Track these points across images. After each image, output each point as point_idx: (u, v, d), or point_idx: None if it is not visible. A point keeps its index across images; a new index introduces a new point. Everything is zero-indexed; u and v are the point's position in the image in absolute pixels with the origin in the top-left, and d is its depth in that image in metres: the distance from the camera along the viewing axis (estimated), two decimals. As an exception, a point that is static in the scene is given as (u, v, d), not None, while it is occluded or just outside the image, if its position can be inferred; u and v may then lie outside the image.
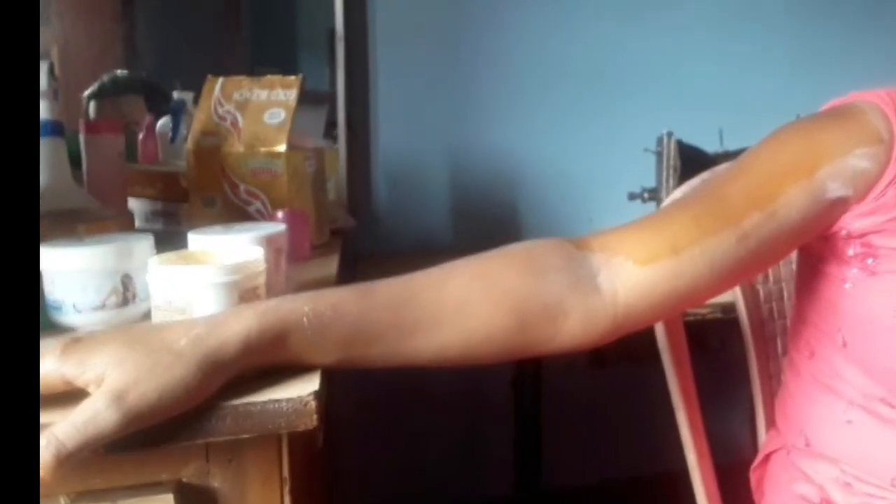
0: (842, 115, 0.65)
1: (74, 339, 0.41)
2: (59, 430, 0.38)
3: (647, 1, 1.66)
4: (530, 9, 1.61)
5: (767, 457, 0.80)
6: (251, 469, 0.49)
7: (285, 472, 0.50)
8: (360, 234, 1.34)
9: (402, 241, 1.54)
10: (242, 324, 0.44)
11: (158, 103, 1.54)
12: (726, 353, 1.03)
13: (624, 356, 1.17)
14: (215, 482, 0.48)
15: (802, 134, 0.64)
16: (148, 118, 1.40)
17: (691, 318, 0.90)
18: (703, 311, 1.07)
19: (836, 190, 0.61)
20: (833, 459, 0.70)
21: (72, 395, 0.41)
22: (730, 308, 0.91)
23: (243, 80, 0.95)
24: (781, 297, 0.89)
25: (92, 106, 1.46)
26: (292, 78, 0.94)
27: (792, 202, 0.59)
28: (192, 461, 0.47)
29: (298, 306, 0.46)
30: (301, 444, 0.56)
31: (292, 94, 0.92)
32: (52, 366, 0.40)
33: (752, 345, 0.88)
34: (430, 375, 1.57)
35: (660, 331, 0.81)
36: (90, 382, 0.40)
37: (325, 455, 0.94)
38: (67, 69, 1.64)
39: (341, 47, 1.54)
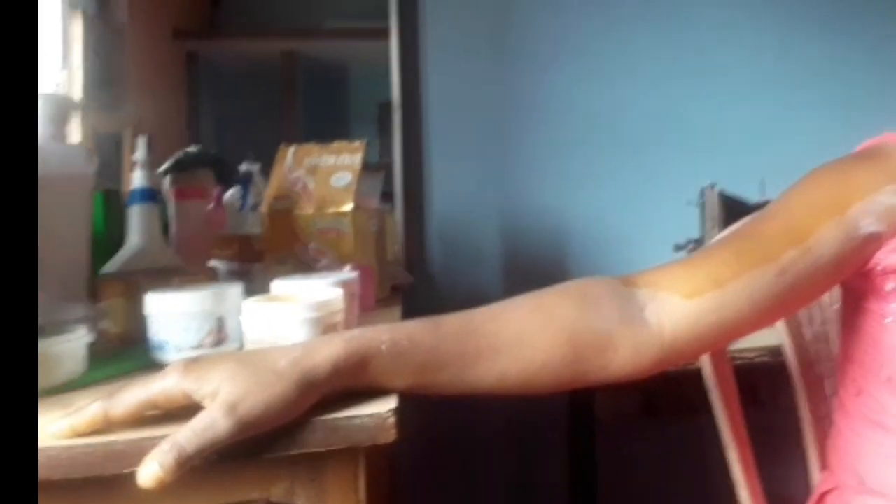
0: (872, 154, 0.69)
1: (194, 359, 0.48)
2: (180, 436, 0.44)
3: (684, 61, 1.72)
4: (574, 73, 1.70)
5: (821, 497, 0.81)
6: (331, 490, 0.54)
7: (361, 495, 0.55)
8: (416, 290, 1.41)
9: (455, 297, 1.61)
10: (332, 349, 0.51)
11: (225, 175, 1.63)
12: (777, 405, 1.04)
13: (678, 406, 1.18)
14: (299, 501, 0.54)
15: (834, 173, 0.68)
16: (217, 189, 1.51)
17: (739, 361, 0.92)
18: (751, 354, 1.08)
19: (868, 226, 0.64)
20: (887, 496, 0.70)
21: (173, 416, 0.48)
22: (777, 351, 0.92)
23: (313, 148, 1.04)
24: (827, 340, 0.91)
25: (167, 180, 1.58)
26: (357, 143, 1.03)
27: (826, 238, 0.63)
28: (279, 481, 0.52)
29: (378, 335, 0.53)
30: (374, 471, 0.61)
31: (357, 158, 1.01)
32: (174, 382, 0.47)
33: (800, 387, 0.90)
34: (484, 427, 1.60)
35: (707, 369, 0.84)
36: (206, 396, 0.47)
37: (390, 488, 0.99)
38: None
39: (398, 117, 1.65)
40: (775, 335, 0.91)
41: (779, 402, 0.97)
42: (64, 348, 0.58)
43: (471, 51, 1.68)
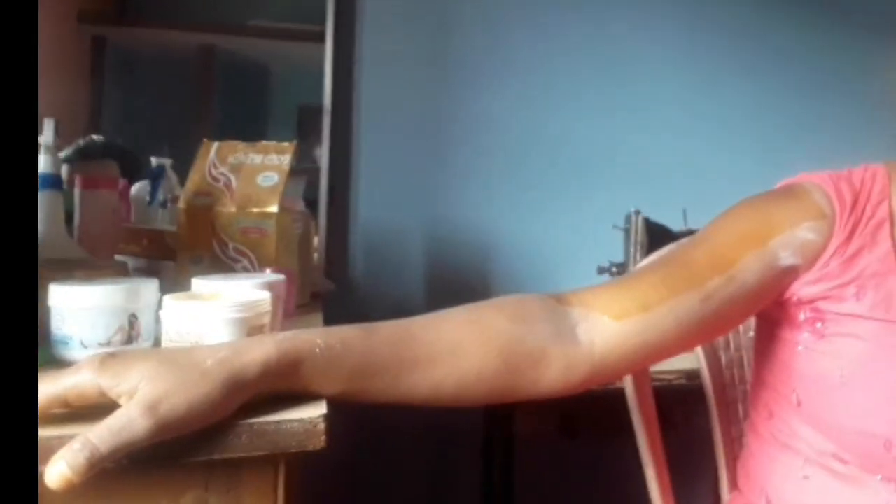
0: (791, 193, 0.72)
1: (111, 354, 0.44)
2: (93, 435, 0.40)
3: (618, 93, 1.77)
4: (507, 90, 1.72)
5: (730, 517, 0.84)
6: (248, 499, 0.50)
7: (280, 505, 0.52)
8: (336, 299, 1.37)
9: (376, 307, 1.58)
10: (263, 350, 0.47)
11: (132, 168, 1.54)
12: (690, 428, 1.07)
13: (595, 427, 1.20)
14: (212, 512, 0.50)
15: (757, 208, 0.71)
16: (121, 183, 1.42)
17: (658, 383, 0.94)
18: (669, 376, 1.11)
19: (786, 258, 0.68)
20: (792, 515, 0.73)
21: (85, 415, 0.44)
22: (694, 374, 0.95)
23: (238, 145, 0.99)
24: (742, 365, 0.95)
25: (65, 168, 1.48)
26: (286, 144, 0.99)
27: (748, 268, 0.66)
28: (190, 490, 0.49)
29: (312, 338, 0.50)
30: (292, 480, 0.58)
31: (286, 159, 0.97)
32: (89, 377, 0.42)
33: (714, 409, 0.93)
34: (399, 441, 1.57)
35: (629, 390, 0.85)
36: (123, 394, 0.42)
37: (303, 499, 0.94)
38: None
39: (327, 121, 1.61)
40: (692, 359, 0.93)
41: (692, 424, 1.00)
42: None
43: (407, 61, 1.67)
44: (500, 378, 0.57)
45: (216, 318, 0.54)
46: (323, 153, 1.62)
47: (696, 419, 0.94)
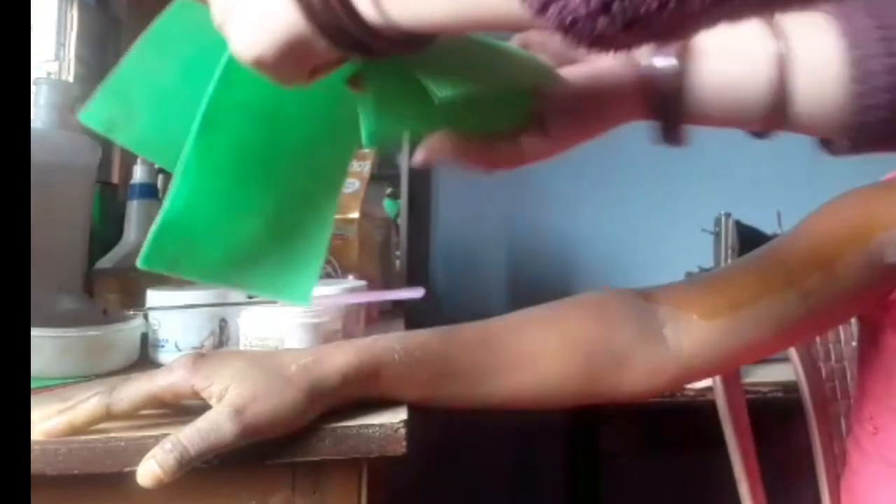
0: None
1: (201, 354, 0.46)
2: (183, 436, 0.41)
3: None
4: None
5: (834, 540, 0.78)
6: (332, 502, 0.51)
7: (364, 506, 0.52)
8: (418, 306, 1.38)
9: (457, 315, 1.57)
10: (343, 358, 0.48)
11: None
12: (787, 445, 1.01)
13: (684, 441, 1.14)
14: (298, 511, 0.51)
15: (860, 201, 0.66)
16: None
17: (752, 395, 0.90)
18: (764, 388, 1.05)
19: (892, 256, 0.63)
20: (906, 543, 0.68)
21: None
22: (791, 387, 0.90)
23: (322, 153, 1.02)
24: (844, 377, 0.89)
25: (160, 178, 1.55)
26: (366, 150, 1.01)
27: (850, 265, 0.61)
28: (279, 490, 0.50)
29: (391, 345, 0.50)
30: (374, 484, 0.58)
31: (366, 165, 0.99)
32: (183, 377, 0.44)
33: (814, 424, 0.87)
34: (482, 452, 1.56)
35: (721, 400, 0.82)
36: (213, 395, 0.44)
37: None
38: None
39: (408, 128, 1.62)
40: (789, 370, 0.89)
41: (789, 440, 0.95)
42: (122, 335, 0.58)
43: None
44: (581, 382, 0.56)
45: (290, 323, 0.56)
46: (403, 160, 1.63)
47: (795, 435, 0.89)
